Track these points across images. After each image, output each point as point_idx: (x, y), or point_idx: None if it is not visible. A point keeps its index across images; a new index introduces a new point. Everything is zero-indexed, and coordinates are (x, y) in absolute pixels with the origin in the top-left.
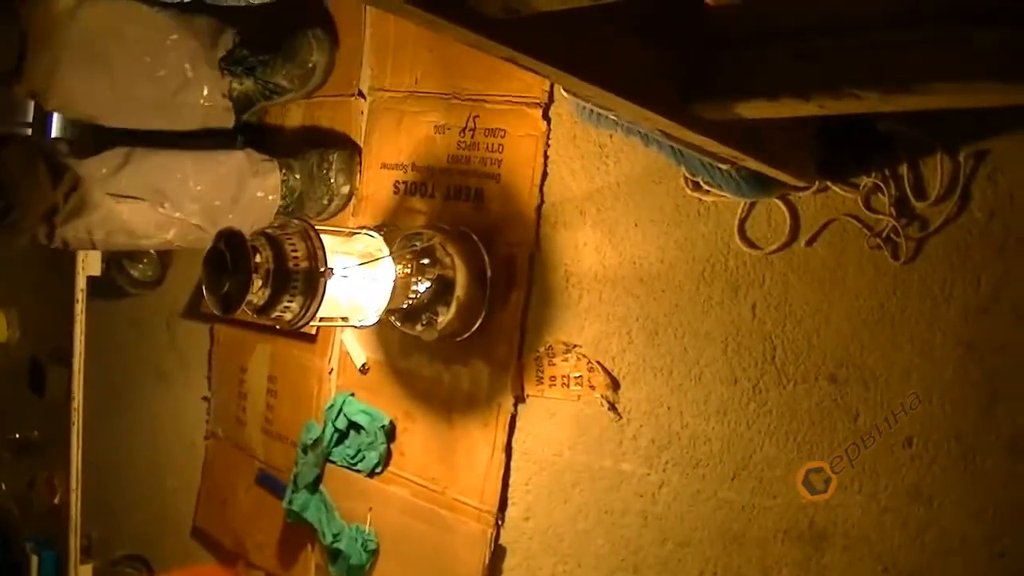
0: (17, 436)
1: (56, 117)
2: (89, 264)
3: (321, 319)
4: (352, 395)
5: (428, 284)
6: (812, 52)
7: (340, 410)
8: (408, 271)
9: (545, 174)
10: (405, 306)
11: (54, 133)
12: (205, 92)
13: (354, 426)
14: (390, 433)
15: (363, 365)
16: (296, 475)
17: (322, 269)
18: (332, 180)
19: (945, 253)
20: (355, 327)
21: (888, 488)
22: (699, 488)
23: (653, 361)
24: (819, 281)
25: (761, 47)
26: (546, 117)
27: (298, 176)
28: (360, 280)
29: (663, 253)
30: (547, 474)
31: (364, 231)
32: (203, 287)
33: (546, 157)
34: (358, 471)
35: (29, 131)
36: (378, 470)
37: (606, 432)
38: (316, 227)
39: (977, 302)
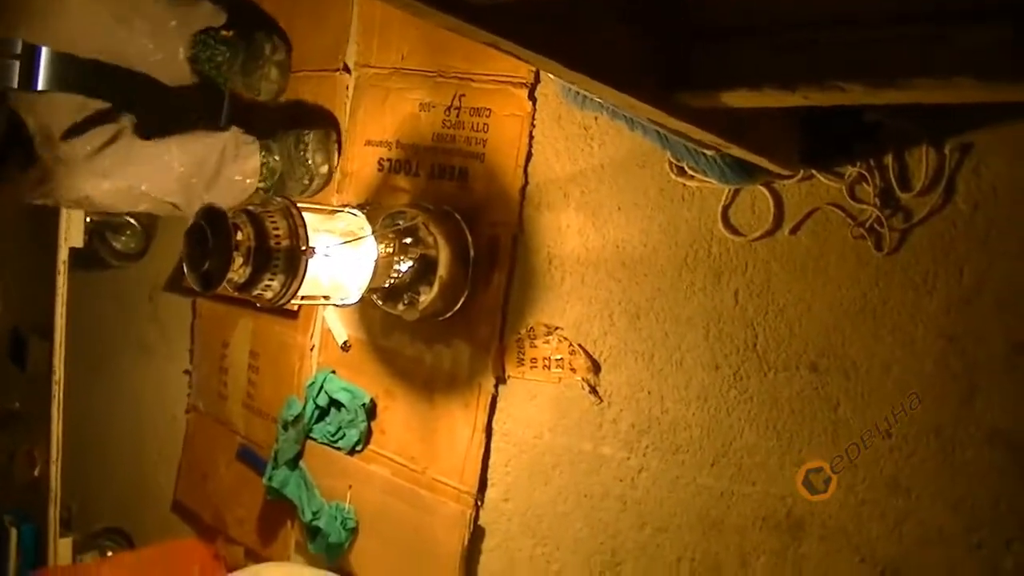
0: None
1: (43, 71)
2: (72, 235)
3: (303, 297)
4: (333, 372)
5: (410, 263)
6: (798, 44)
7: (321, 387)
8: (390, 250)
9: (530, 155)
10: (387, 285)
11: (40, 86)
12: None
13: (335, 403)
14: (371, 411)
15: (345, 343)
16: (277, 451)
17: (303, 248)
18: (310, 160)
19: (929, 245)
20: (337, 306)
21: (866, 480)
22: (678, 474)
23: (634, 345)
24: (802, 270)
25: (747, 37)
26: (532, 97)
27: (277, 157)
28: (342, 259)
29: (646, 237)
30: (527, 456)
31: (347, 209)
32: (183, 263)
33: (531, 137)
34: (338, 448)
35: (15, 84)
36: (358, 448)
37: (586, 415)
38: (298, 204)
39: (960, 294)
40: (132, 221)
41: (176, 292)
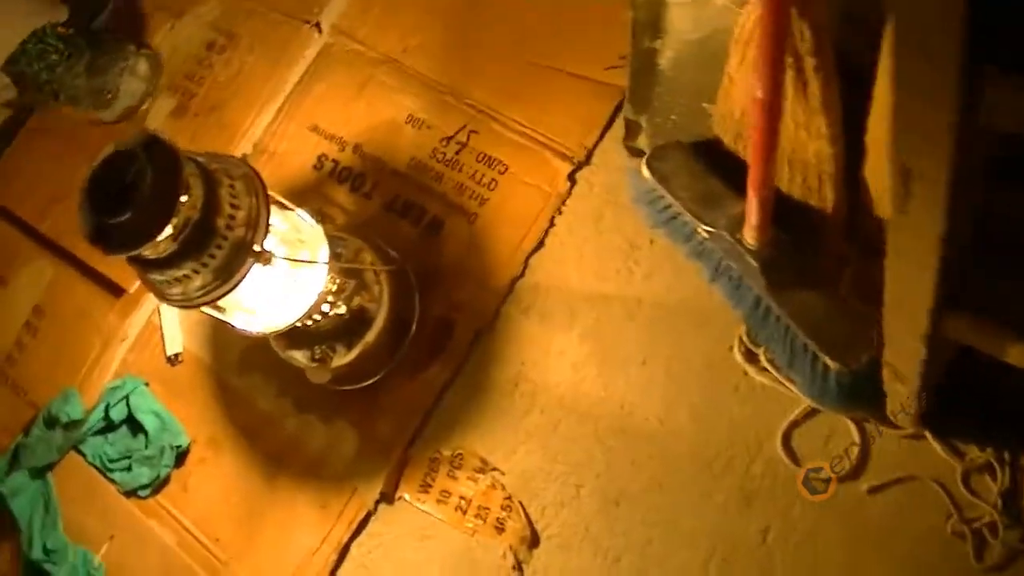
0: None
1: None
2: None
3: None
4: (146, 385)
5: (343, 311)
6: None
7: (126, 398)
8: (333, 288)
9: (541, 243)
10: (300, 326)
11: None
12: None
13: (133, 424)
14: (181, 456)
15: (176, 355)
16: (20, 446)
17: (258, 248)
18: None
19: None
20: (234, 326)
21: None
22: None
23: (599, 535)
24: (867, 541)
25: None
26: (572, 178)
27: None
28: (271, 274)
29: (668, 413)
30: None
31: (300, 211)
32: (84, 196)
33: (552, 224)
34: (112, 481)
35: None
36: (142, 493)
37: None
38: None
39: None
40: None
41: None
